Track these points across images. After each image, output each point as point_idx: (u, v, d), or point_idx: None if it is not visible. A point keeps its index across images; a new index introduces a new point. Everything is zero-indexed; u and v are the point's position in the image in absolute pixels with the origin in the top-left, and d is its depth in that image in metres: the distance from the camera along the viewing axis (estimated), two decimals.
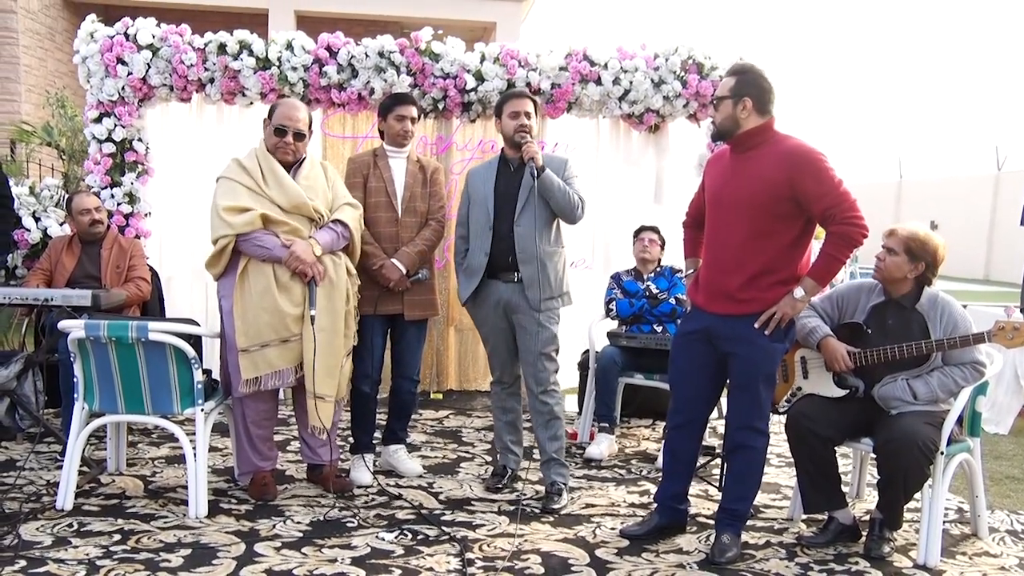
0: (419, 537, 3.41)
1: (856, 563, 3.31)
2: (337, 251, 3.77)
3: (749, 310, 3.22)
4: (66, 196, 5.07)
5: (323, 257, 3.68)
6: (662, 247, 4.96)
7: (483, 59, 5.26)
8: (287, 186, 3.70)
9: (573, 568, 3.17)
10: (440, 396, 5.89)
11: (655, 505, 3.60)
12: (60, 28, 11.89)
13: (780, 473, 4.45)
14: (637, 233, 5.00)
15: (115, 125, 5.17)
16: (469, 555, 3.24)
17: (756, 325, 3.21)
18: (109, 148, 5.19)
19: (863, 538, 3.46)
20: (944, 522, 3.54)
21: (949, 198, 22.22)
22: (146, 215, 5.32)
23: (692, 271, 3.58)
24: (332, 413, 3.76)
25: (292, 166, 3.79)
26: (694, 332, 3.40)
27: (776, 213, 3.16)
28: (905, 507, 3.40)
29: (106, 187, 5.19)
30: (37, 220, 5.17)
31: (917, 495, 3.36)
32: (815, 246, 3.32)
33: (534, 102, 3.91)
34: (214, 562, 3.10)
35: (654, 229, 4.97)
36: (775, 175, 3.13)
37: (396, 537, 3.40)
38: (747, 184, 3.19)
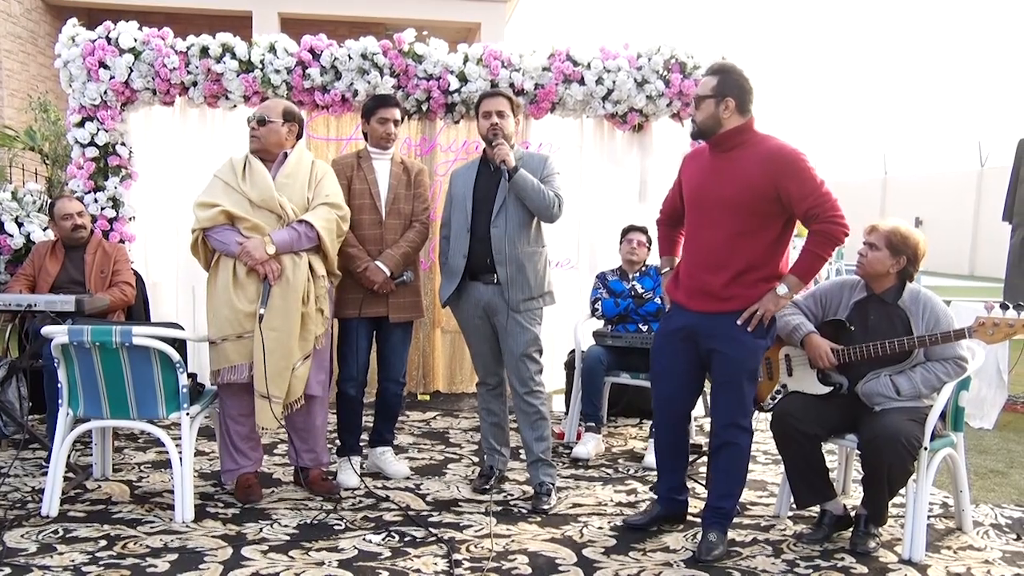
0: (406, 539, 3.41)
1: (842, 559, 3.33)
2: (299, 251, 3.73)
3: (732, 307, 3.25)
4: (49, 201, 5.04)
5: (282, 257, 3.67)
6: (649, 247, 4.97)
7: (466, 60, 5.26)
8: (258, 182, 3.74)
9: (560, 568, 3.17)
10: (427, 398, 5.89)
11: (656, 497, 3.64)
12: (42, 32, 11.85)
13: (766, 470, 4.47)
14: (625, 233, 5.00)
15: (98, 129, 5.15)
16: (456, 556, 3.24)
17: (739, 322, 3.24)
18: (92, 152, 5.17)
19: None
20: (929, 517, 3.56)
21: (933, 194, 22.36)
22: (130, 219, 5.29)
23: (668, 269, 3.62)
24: (280, 414, 3.70)
25: (273, 161, 3.81)
26: (676, 330, 3.42)
27: (759, 212, 3.19)
28: (890, 503, 3.42)
29: (89, 191, 5.17)
30: (20, 225, 5.14)
31: (902, 490, 3.39)
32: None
33: (510, 100, 3.88)
34: (201, 566, 3.09)
35: (643, 230, 4.95)
36: (758, 175, 3.16)
37: (383, 539, 3.40)
38: (730, 184, 3.22)
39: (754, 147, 3.22)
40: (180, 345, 3.75)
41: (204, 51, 5.12)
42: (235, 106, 5.29)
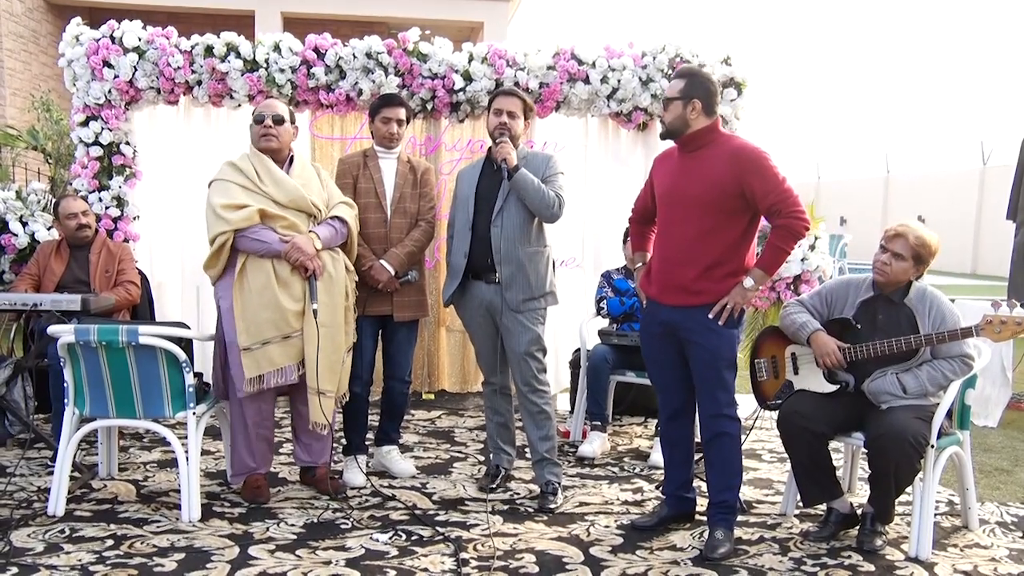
0: (413, 538, 3.41)
1: (849, 556, 3.33)
2: (335, 247, 3.77)
3: (702, 301, 3.34)
4: (53, 200, 5.04)
5: (322, 253, 3.68)
6: None
7: (471, 59, 5.25)
8: (283, 182, 3.71)
9: (568, 566, 3.17)
10: (432, 396, 5.88)
11: (664, 497, 3.66)
12: (44, 31, 11.84)
13: (772, 468, 4.46)
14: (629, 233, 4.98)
15: (102, 128, 5.15)
16: (463, 555, 3.24)
17: (710, 315, 3.32)
18: (96, 152, 5.16)
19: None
20: (935, 515, 3.56)
21: (936, 193, 22.33)
22: (134, 219, 5.29)
23: (640, 264, 3.70)
24: (333, 409, 3.75)
25: (283, 162, 3.80)
26: (655, 326, 3.49)
27: (725, 209, 3.29)
28: (896, 500, 3.42)
29: (94, 191, 5.16)
30: (24, 225, 5.14)
31: (908, 488, 3.38)
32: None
33: (524, 102, 3.89)
34: (208, 566, 3.10)
35: None
36: (723, 173, 3.27)
37: (390, 538, 3.40)
38: (697, 182, 3.32)
39: (720, 146, 3.34)
40: (186, 344, 3.73)
41: (209, 50, 5.11)
42: (239, 105, 5.28)
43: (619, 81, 5.29)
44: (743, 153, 3.28)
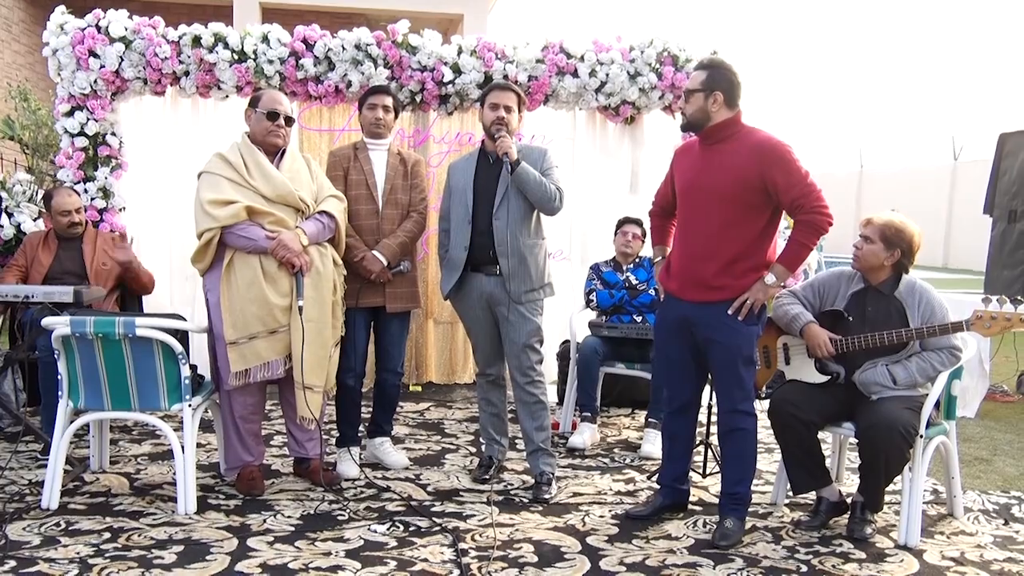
0: (411, 528, 3.43)
1: (840, 544, 3.39)
2: (323, 242, 3.77)
3: (723, 297, 3.33)
4: (39, 192, 4.99)
5: (309, 248, 3.68)
6: (643, 240, 5.00)
7: (460, 52, 5.26)
8: (272, 176, 3.69)
9: (566, 556, 3.21)
10: (419, 388, 5.90)
11: (658, 487, 3.70)
12: (16, 19, 11.62)
13: (761, 459, 4.48)
14: (620, 225, 5.02)
15: (88, 119, 5.10)
16: (462, 545, 3.26)
17: (730, 311, 3.32)
18: (81, 142, 5.12)
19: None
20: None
21: (908, 187, 22.62)
22: (120, 210, 5.25)
23: (660, 258, 3.71)
24: (321, 404, 3.77)
25: (275, 156, 3.78)
26: (672, 321, 3.50)
27: (747, 203, 3.27)
28: (885, 489, 3.49)
29: (79, 182, 5.11)
30: (10, 216, 5.08)
31: (896, 477, 3.46)
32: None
33: (519, 97, 3.91)
34: (208, 558, 3.10)
35: (638, 222, 4.96)
36: (746, 167, 3.25)
37: (388, 529, 3.41)
38: (719, 175, 3.30)
39: (742, 139, 3.31)
40: (182, 336, 3.72)
41: (196, 41, 5.08)
42: (227, 96, 5.26)
43: (607, 75, 5.33)
44: (766, 146, 3.26)
